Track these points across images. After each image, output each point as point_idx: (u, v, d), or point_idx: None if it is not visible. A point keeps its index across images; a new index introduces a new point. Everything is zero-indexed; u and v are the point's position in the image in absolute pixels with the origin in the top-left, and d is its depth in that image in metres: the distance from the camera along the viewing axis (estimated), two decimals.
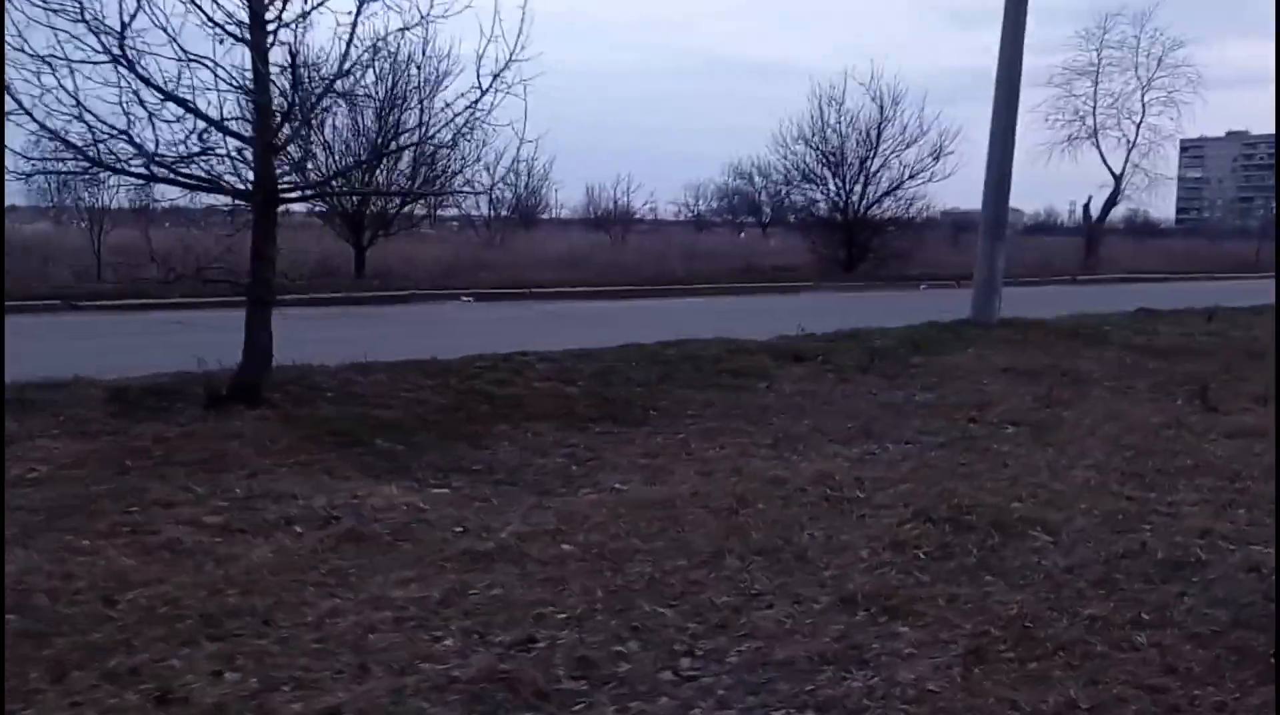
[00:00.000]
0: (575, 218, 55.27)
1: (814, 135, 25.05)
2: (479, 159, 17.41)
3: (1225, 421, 7.37)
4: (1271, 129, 42.90)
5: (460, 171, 18.62)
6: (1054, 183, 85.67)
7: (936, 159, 24.57)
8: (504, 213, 37.78)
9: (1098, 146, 32.75)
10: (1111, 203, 33.52)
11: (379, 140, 14.62)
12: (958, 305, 13.08)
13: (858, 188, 25.02)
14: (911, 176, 25.05)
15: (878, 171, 24.99)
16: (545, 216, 60.44)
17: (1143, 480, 5.74)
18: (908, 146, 24.84)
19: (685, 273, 24.14)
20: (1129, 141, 32.73)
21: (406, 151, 14.68)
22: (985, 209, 12.87)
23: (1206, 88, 34.17)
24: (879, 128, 24.71)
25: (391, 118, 15.81)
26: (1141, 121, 32.50)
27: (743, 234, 45.55)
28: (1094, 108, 32.63)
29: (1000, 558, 4.39)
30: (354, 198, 18.16)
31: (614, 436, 6.62)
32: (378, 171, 16.61)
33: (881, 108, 24.72)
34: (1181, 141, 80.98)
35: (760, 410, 7.43)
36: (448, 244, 29.50)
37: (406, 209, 20.38)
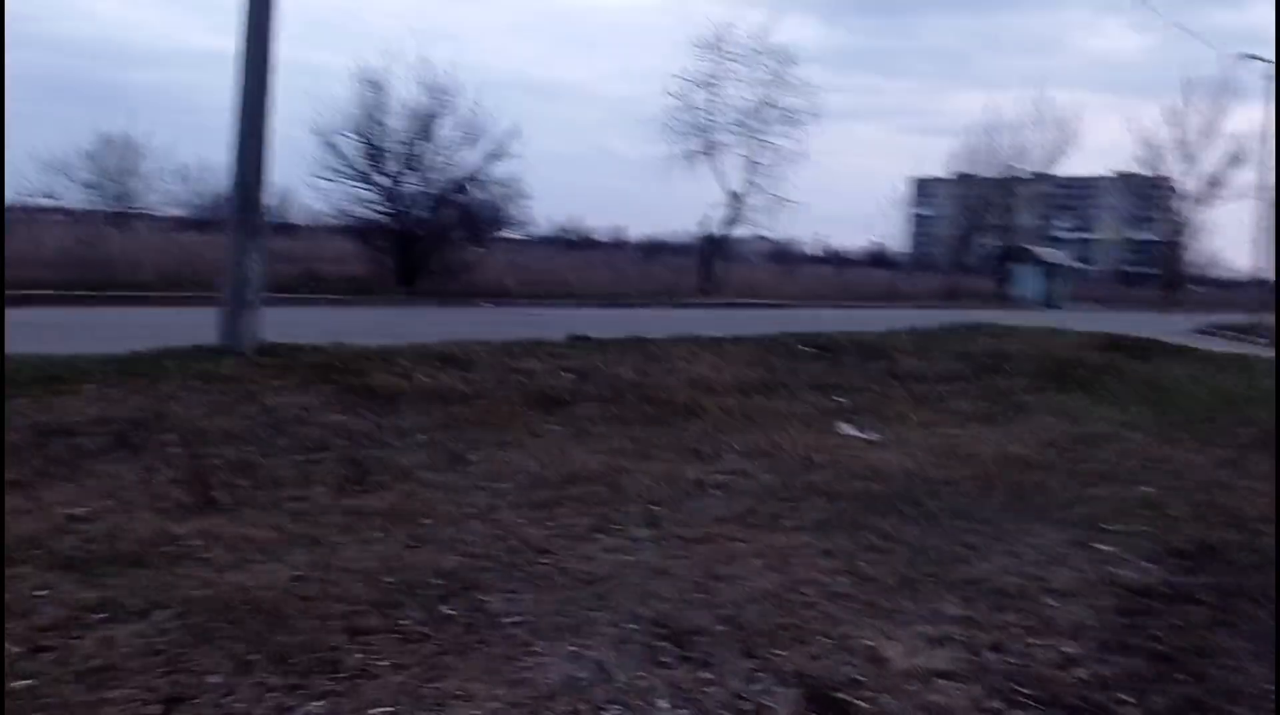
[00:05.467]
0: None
1: (357, 124, 21.22)
2: None
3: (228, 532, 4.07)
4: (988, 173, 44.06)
5: None
6: (680, 204, 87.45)
7: (495, 161, 21.51)
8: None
9: (713, 162, 31.28)
10: (731, 223, 32.02)
11: None
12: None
13: (409, 188, 21.43)
14: (472, 179, 21.84)
15: (432, 171, 21.51)
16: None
17: None
18: (466, 144, 21.59)
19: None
20: (749, 160, 31.39)
21: None
22: (234, 197, 8.68)
23: (932, 133, 34.12)
24: (430, 119, 21.27)
25: None
26: (757, 139, 31.14)
27: None
28: (711, 122, 31.06)
29: None
30: None
31: None
32: None
33: (438, 98, 21.32)
34: (916, 179, 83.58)
35: None
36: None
37: None
